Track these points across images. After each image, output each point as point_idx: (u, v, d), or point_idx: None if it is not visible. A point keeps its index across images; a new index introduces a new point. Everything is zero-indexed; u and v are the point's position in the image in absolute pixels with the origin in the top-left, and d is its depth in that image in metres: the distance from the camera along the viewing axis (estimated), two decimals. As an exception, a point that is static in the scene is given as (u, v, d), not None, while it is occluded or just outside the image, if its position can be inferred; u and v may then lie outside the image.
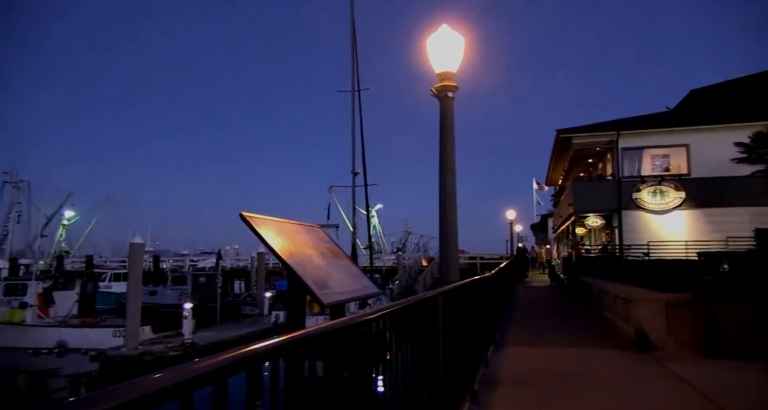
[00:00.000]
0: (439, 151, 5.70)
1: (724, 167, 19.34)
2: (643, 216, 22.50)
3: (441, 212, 5.78)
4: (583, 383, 5.62)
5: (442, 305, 3.77)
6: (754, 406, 4.70)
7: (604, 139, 24.04)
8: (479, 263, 39.62)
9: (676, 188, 21.98)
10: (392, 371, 2.67)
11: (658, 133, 23.20)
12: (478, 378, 5.59)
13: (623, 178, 23.13)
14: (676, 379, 5.70)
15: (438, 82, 5.27)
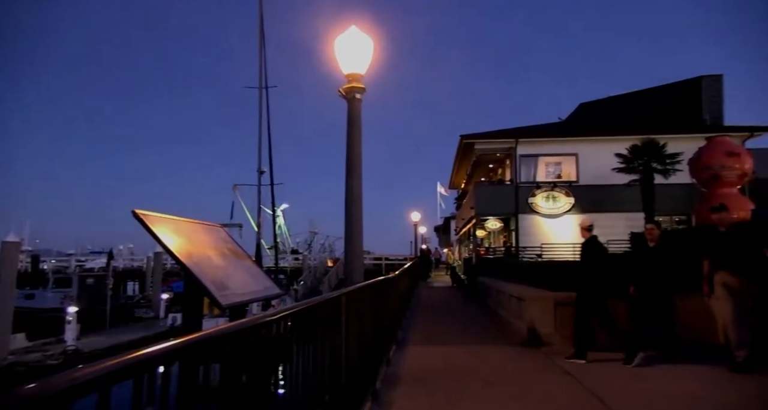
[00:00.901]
0: (346, 151, 5.72)
1: (607, 176, 21.14)
2: (538, 220, 23.98)
3: (347, 213, 5.80)
4: (479, 378, 5.88)
5: (345, 305, 3.78)
6: (623, 393, 5.16)
7: (504, 145, 25.34)
8: (384, 264, 40.18)
9: (567, 194, 23.67)
10: (294, 373, 2.63)
11: (551, 142, 24.87)
12: (380, 377, 5.67)
13: (520, 183, 24.51)
14: (561, 372, 6.14)
15: (346, 84, 5.29)
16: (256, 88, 28.48)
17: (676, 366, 6.39)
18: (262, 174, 27.95)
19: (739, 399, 4.93)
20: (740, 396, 5.01)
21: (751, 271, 6.11)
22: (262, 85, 28.25)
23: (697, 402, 4.86)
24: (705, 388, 5.32)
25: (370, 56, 5.25)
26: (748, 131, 22.89)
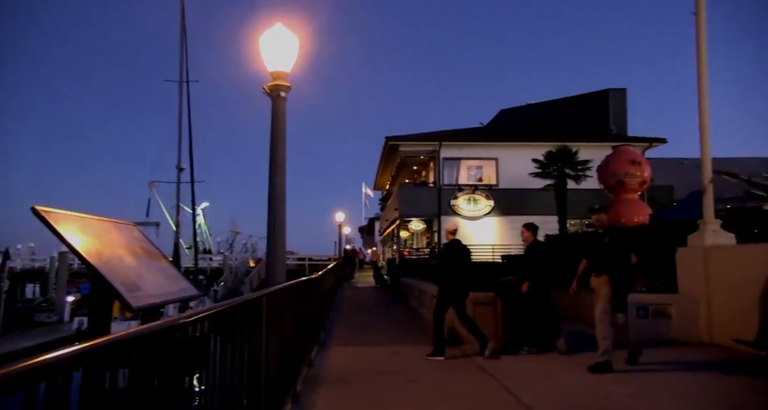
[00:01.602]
0: (269, 150, 5.61)
1: (525, 180, 22.10)
2: (459, 221, 24.63)
3: (270, 212, 5.69)
4: (400, 377, 5.96)
5: (266, 307, 3.70)
6: (533, 387, 5.43)
7: (428, 148, 25.86)
8: (308, 264, 39.80)
9: (487, 196, 24.51)
10: (210, 376, 2.55)
11: (473, 146, 25.68)
12: (300, 378, 5.61)
13: (443, 185, 25.10)
14: (477, 369, 6.35)
15: (271, 81, 5.19)
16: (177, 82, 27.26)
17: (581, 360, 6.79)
18: (181, 171, 26.80)
19: (630, 390, 5.30)
20: (633, 387, 5.40)
21: (612, 273, 6.28)
22: (182, 78, 27.08)
23: (601, 394, 5.19)
24: (604, 381, 5.68)
25: (296, 55, 5.18)
26: (648, 142, 24.77)
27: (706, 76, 8.36)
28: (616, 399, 4.97)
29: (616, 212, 14.54)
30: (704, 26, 8.36)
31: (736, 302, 7.06)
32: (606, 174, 14.95)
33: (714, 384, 5.49)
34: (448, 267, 7.48)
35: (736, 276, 7.21)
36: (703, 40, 8.37)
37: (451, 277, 7.40)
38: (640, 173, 14.65)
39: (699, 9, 8.38)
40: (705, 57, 8.36)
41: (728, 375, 5.87)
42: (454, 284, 7.40)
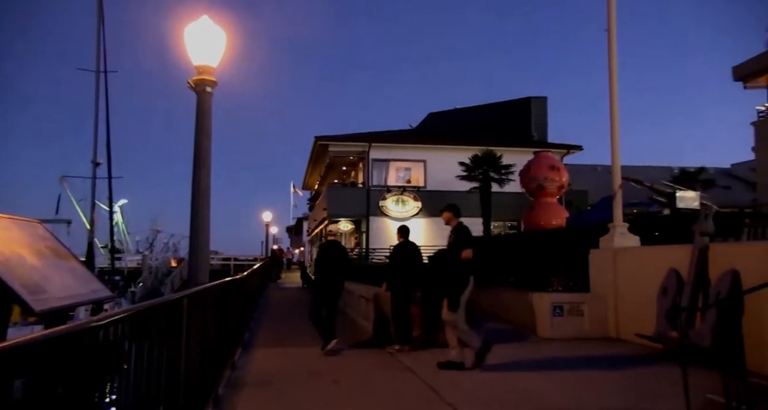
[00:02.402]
0: (194, 146, 5.42)
1: (452, 183, 22.67)
2: (387, 222, 24.88)
3: (193, 210, 5.50)
4: (326, 378, 5.93)
5: (187, 308, 3.57)
6: (456, 385, 5.59)
7: (358, 149, 25.93)
8: (233, 264, 38.76)
9: (415, 198, 24.92)
10: (125, 383, 2.42)
11: (402, 148, 26.01)
12: (223, 382, 5.45)
13: (372, 186, 25.25)
14: (402, 368, 6.44)
15: (196, 75, 5.02)
16: (92, 72, 25.63)
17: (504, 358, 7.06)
18: (97, 166, 25.25)
19: (551, 384, 5.58)
20: (547, 382, 5.69)
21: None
22: (99, 68, 25.51)
23: (519, 389, 5.42)
24: (522, 377, 5.95)
25: (223, 50, 5.03)
26: (566, 149, 26.16)
27: (616, 89, 8.94)
28: (532, 392, 5.21)
29: (536, 214, 15.28)
30: (615, 43, 8.94)
31: (639, 300, 7.59)
32: (527, 178, 15.69)
33: (617, 374, 5.89)
34: (396, 267, 7.92)
35: (640, 276, 7.76)
36: (614, 56, 8.94)
37: (399, 276, 7.73)
38: (559, 178, 15.50)
39: (610, 26, 8.95)
40: (615, 72, 8.94)
41: (629, 367, 6.30)
42: (397, 282, 7.71)
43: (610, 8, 8.97)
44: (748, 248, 6.59)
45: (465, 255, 6.17)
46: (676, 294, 6.70)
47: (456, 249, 6.37)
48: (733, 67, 17.29)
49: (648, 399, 4.87)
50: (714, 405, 4.02)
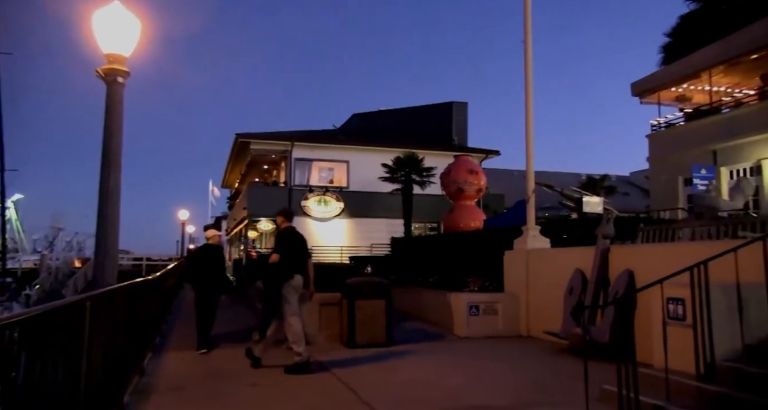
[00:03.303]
0: (102, 140, 5.11)
1: (374, 184, 22.83)
2: (309, 222, 24.62)
3: (100, 208, 5.17)
4: (242, 382, 5.78)
5: (90, 311, 3.36)
6: (375, 384, 5.65)
7: (280, 148, 25.50)
8: (145, 264, 36.88)
9: (337, 198, 24.84)
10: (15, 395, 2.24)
11: (325, 148, 25.85)
12: (130, 388, 5.17)
13: (294, 186, 24.92)
14: (322, 370, 6.40)
15: (106, 64, 4.73)
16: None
17: (421, 357, 7.21)
18: (-11, 157, 23.10)
19: (465, 381, 5.78)
20: (463, 380, 5.88)
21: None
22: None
23: (438, 386, 5.56)
24: (440, 375, 6.11)
25: (137, 39, 4.78)
26: (485, 153, 27.12)
27: (531, 99, 9.41)
28: (447, 390, 5.36)
29: (455, 216, 15.71)
30: (530, 54, 9.41)
31: (548, 299, 8.04)
32: (448, 181, 16.08)
33: (526, 370, 6.19)
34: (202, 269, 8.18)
35: (549, 276, 8.21)
36: (529, 66, 9.41)
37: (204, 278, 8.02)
38: (477, 181, 16.01)
39: (526, 38, 9.41)
40: (531, 83, 9.41)
41: (538, 363, 6.64)
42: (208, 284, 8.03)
43: (526, 21, 9.43)
44: (641, 250, 7.15)
45: (271, 259, 6.49)
46: (581, 293, 7.17)
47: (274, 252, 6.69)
48: (631, 84, 18.70)
49: (553, 392, 5.16)
50: (608, 394, 4.33)
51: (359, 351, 7.40)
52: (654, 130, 18.04)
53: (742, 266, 4.41)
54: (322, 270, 11.75)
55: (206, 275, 8.17)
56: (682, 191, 16.14)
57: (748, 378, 4.20)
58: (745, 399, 3.90)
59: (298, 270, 6.47)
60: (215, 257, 8.45)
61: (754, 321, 4.55)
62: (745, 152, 14.37)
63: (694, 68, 16.49)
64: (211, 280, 8.20)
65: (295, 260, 6.52)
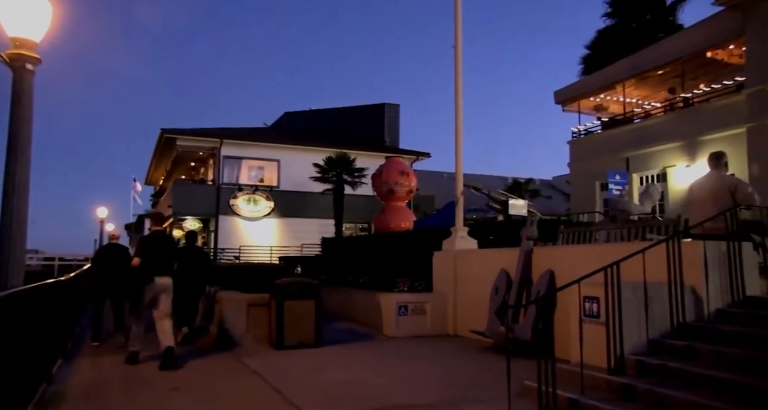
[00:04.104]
0: (9, 130, 4.72)
1: (305, 184, 22.61)
2: (238, 222, 24.03)
3: (5, 205, 4.78)
4: (163, 386, 5.54)
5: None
6: (302, 385, 5.59)
7: (208, 144, 24.73)
8: (57, 264, 34.50)
9: (267, 198, 24.39)
10: None
11: (256, 146, 25.32)
12: (36, 398, 4.82)
13: (223, 184, 24.23)
14: (248, 372, 6.25)
15: (12, 48, 4.37)
16: None
17: (350, 357, 7.21)
18: None
19: (392, 381, 5.83)
20: (392, 379, 5.94)
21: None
22: None
23: (363, 386, 5.57)
24: (367, 375, 6.13)
25: (49, 23, 4.45)
26: (416, 155, 27.56)
27: (461, 102, 9.65)
28: (375, 389, 5.39)
29: (386, 217, 15.85)
30: (460, 59, 9.65)
31: (475, 299, 8.26)
32: (379, 182, 16.19)
33: (453, 368, 6.34)
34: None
35: (476, 276, 8.45)
36: (459, 71, 9.65)
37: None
38: (408, 182, 16.22)
39: (456, 44, 9.64)
40: (461, 86, 9.65)
41: (464, 361, 6.82)
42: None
43: (457, 27, 9.66)
44: (562, 251, 7.51)
45: (132, 263, 6.89)
46: (506, 293, 7.43)
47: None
48: (554, 92, 19.67)
49: (478, 389, 5.31)
50: (529, 390, 4.51)
51: (288, 352, 7.29)
52: (574, 137, 19.03)
53: (649, 267, 4.74)
54: (250, 271, 11.50)
55: (110, 280, 8.06)
56: (599, 196, 17.13)
57: (650, 369, 4.52)
58: (647, 388, 4.19)
59: (160, 273, 6.71)
60: (120, 259, 8.17)
61: (657, 317, 4.91)
62: (653, 160, 15.46)
63: (609, 80, 17.54)
64: (115, 285, 8.07)
65: (156, 264, 6.73)
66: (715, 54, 14.70)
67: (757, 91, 12.09)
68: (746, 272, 5.26)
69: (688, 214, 6.75)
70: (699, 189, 6.28)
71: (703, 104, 14.68)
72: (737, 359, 4.32)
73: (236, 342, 7.81)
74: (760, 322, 4.78)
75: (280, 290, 7.70)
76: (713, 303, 5.14)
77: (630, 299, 4.75)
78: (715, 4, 13.03)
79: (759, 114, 11.97)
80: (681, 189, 13.65)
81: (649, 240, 6.24)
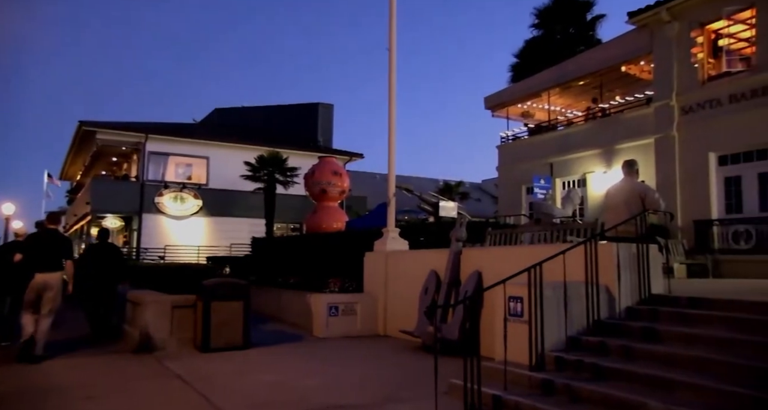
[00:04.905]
0: None
1: (236, 182, 22.07)
2: (163, 220, 23.11)
3: None
4: (76, 395, 5.23)
5: None
6: (227, 388, 5.46)
7: (132, 139, 23.64)
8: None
9: (196, 196, 23.61)
10: None
11: (184, 142, 24.45)
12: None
13: (148, 181, 23.22)
14: (171, 377, 6.02)
15: None
16: None
17: (279, 359, 7.11)
18: None
19: (321, 382, 5.82)
20: (321, 380, 5.92)
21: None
22: None
23: (294, 388, 5.52)
24: (297, 377, 6.09)
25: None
26: (349, 156, 27.59)
27: (394, 104, 9.77)
28: (304, 391, 5.35)
29: (318, 217, 15.76)
30: (394, 62, 9.77)
31: (405, 299, 8.39)
32: (311, 182, 16.07)
33: (381, 368, 6.41)
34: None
35: (406, 277, 8.57)
36: (393, 74, 9.76)
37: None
38: (341, 183, 16.20)
39: (391, 45, 9.76)
40: (395, 87, 9.77)
41: (393, 361, 6.92)
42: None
43: (391, 29, 9.77)
44: (489, 253, 7.78)
45: (15, 259, 7.11)
46: (435, 293, 7.60)
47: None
48: (484, 98, 20.29)
49: (406, 388, 5.39)
50: (455, 387, 4.65)
51: (214, 355, 7.09)
52: (503, 142, 19.72)
53: (569, 267, 5.02)
54: (175, 271, 11.07)
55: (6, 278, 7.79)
56: (525, 199, 17.85)
57: (567, 364, 4.79)
58: (564, 383, 4.44)
59: (42, 269, 6.79)
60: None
61: (575, 315, 5.20)
62: (575, 166, 16.30)
63: (535, 88, 18.33)
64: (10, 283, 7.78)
65: (38, 261, 6.85)
66: (629, 69, 15.74)
67: (663, 105, 13.04)
68: (652, 272, 5.68)
69: (604, 218, 7.20)
70: (613, 194, 6.72)
71: (618, 115, 15.64)
72: (642, 352, 4.66)
73: (159, 345, 7.51)
74: (661, 318, 5.19)
75: (208, 291, 7.49)
76: (624, 301, 5.50)
77: (551, 298, 5.00)
78: (628, 22, 13.94)
79: (664, 126, 12.93)
80: (599, 194, 14.50)
81: (569, 242, 6.59)
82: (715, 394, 3.77)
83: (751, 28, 11.94)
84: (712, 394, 3.79)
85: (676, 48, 12.85)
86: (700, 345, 4.53)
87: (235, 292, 7.65)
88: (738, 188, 11.74)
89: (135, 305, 8.29)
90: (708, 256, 11.12)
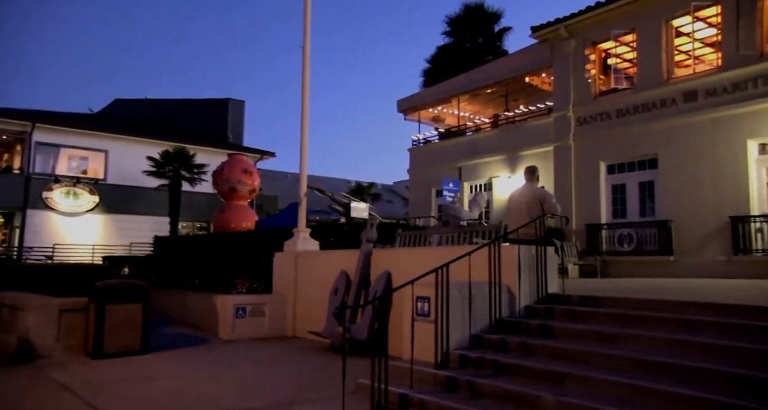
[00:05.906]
0: None
1: (138, 178, 20.83)
2: (53, 217, 21.37)
3: None
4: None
5: None
6: (119, 399, 5.13)
7: (15, 128, 21.62)
8: None
9: (91, 191, 22.02)
10: None
11: (79, 133, 22.73)
12: None
13: (34, 174, 21.36)
14: (55, 387, 5.54)
15: None
16: None
17: (180, 364, 6.79)
18: None
19: (223, 386, 5.63)
20: (223, 384, 5.73)
21: None
22: None
23: (190, 393, 5.29)
24: (199, 381, 5.84)
25: None
26: (260, 154, 26.96)
27: (307, 103, 9.67)
28: (207, 395, 5.14)
29: (227, 216, 15.25)
30: (308, 60, 9.67)
31: (315, 300, 8.33)
32: (220, 180, 15.53)
33: (289, 370, 6.32)
34: None
35: (317, 277, 8.51)
36: (306, 72, 9.66)
37: None
38: (251, 181, 15.80)
39: (305, 44, 9.66)
40: (308, 86, 9.67)
41: (301, 362, 6.84)
42: None
43: (306, 26, 9.67)
44: (399, 254, 7.90)
45: None
46: (345, 294, 7.60)
47: None
48: (397, 101, 20.65)
49: (312, 389, 5.34)
50: (363, 387, 4.68)
51: (108, 361, 6.64)
52: (414, 144, 20.15)
53: (474, 268, 5.22)
54: (65, 272, 10.21)
55: None
56: (434, 201, 18.35)
57: (470, 362, 4.98)
58: (467, 380, 4.61)
59: None
60: None
61: (479, 314, 5.42)
62: (482, 170, 17.02)
63: (445, 94, 18.94)
64: None
65: None
66: (532, 80, 16.72)
67: (561, 115, 13.98)
68: (549, 273, 6.05)
69: (507, 220, 7.57)
70: (516, 199, 7.08)
71: (522, 123, 16.54)
72: (538, 348, 4.95)
73: (42, 353, 6.90)
74: (556, 315, 5.54)
75: (102, 293, 6.99)
76: (524, 300, 5.81)
77: (456, 298, 5.17)
78: (531, 36, 14.80)
79: (562, 135, 13.86)
80: (503, 198, 15.22)
81: (475, 244, 6.86)
82: (600, 384, 4.08)
83: (633, 50, 13.12)
84: (597, 384, 4.10)
85: (573, 63, 13.82)
86: (587, 340, 4.89)
87: (132, 294, 7.21)
88: (623, 195, 12.83)
89: (13, 309, 7.56)
90: (597, 257, 12.06)
